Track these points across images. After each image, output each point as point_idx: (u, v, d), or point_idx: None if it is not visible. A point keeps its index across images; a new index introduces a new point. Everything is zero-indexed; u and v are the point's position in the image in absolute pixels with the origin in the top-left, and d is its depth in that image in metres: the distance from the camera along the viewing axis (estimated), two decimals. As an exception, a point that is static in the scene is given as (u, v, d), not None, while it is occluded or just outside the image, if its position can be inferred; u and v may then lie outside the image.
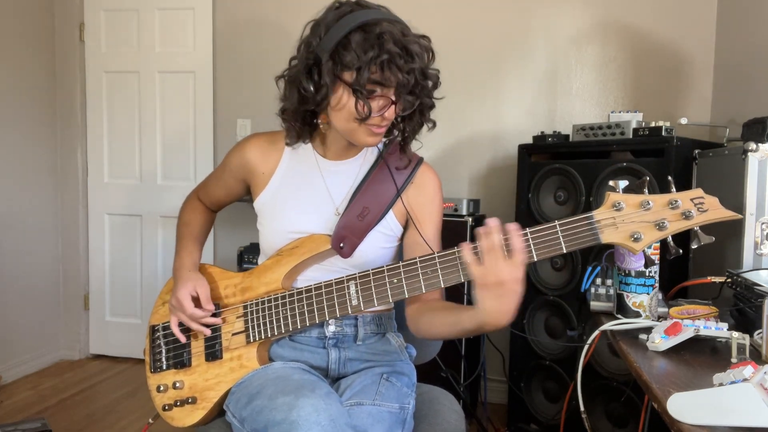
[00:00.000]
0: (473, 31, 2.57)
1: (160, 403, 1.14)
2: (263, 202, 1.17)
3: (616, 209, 0.86)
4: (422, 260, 0.97)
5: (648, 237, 0.84)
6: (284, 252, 1.12)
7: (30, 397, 2.52)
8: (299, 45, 1.04)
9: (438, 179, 1.19)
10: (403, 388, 1.09)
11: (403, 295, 0.98)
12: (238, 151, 1.20)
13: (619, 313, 1.14)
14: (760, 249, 0.95)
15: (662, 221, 0.84)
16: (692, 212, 0.83)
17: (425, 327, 1.07)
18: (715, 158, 1.62)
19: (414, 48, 0.97)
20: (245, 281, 1.15)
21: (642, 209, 0.85)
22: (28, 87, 2.79)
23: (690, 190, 0.84)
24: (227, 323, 1.13)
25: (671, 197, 0.84)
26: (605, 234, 0.86)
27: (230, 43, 2.85)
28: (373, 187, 1.12)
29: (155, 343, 1.20)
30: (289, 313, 1.07)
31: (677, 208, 0.84)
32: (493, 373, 2.52)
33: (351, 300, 1.02)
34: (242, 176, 1.21)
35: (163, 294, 1.23)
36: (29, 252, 2.81)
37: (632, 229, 0.85)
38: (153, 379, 1.17)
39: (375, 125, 1.02)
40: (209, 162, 2.89)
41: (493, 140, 2.59)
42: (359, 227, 1.09)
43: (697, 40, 2.36)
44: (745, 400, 0.64)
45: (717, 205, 0.83)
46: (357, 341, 1.15)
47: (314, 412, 0.86)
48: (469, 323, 0.94)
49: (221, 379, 1.10)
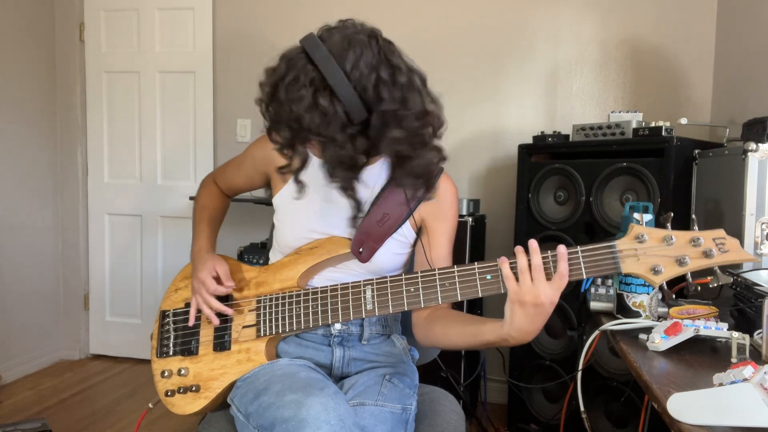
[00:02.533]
0: (473, 31, 2.57)
1: (163, 389, 1.14)
2: (283, 199, 1.17)
3: (639, 241, 0.88)
4: (441, 272, 0.97)
5: (668, 271, 0.86)
6: (303, 251, 1.12)
7: (30, 397, 2.52)
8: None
9: (455, 190, 1.17)
10: (406, 390, 1.09)
11: (418, 305, 0.99)
12: (263, 145, 1.18)
13: (619, 313, 1.14)
14: (760, 249, 0.95)
15: (683, 257, 0.86)
16: (713, 251, 0.85)
17: (438, 337, 1.06)
18: (715, 158, 1.62)
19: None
20: (261, 276, 1.15)
21: (665, 244, 0.87)
22: (28, 87, 2.79)
23: (713, 230, 0.86)
24: (239, 315, 1.13)
25: (694, 235, 0.86)
26: (626, 264, 0.88)
27: (230, 43, 2.85)
28: (395, 194, 1.11)
29: (164, 328, 1.20)
30: (303, 312, 1.07)
31: (699, 246, 0.86)
32: (493, 373, 2.52)
33: (366, 304, 1.03)
34: (264, 169, 1.21)
35: (177, 281, 1.23)
36: (29, 252, 2.82)
37: (653, 262, 0.87)
38: (158, 363, 1.17)
39: None
40: (209, 162, 2.89)
41: (493, 140, 2.59)
42: (379, 233, 1.09)
43: (697, 40, 2.36)
44: (745, 400, 0.64)
45: (737, 247, 0.85)
46: (362, 341, 1.15)
47: (323, 411, 0.86)
48: (492, 336, 0.94)
49: (227, 370, 1.10)
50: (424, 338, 1.10)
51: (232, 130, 2.88)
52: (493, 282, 0.94)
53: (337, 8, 2.58)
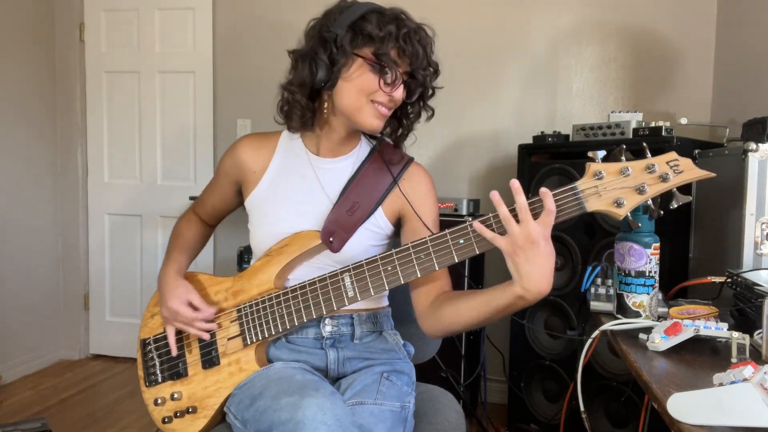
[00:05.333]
0: (473, 31, 2.57)
1: (159, 417, 1.12)
2: (254, 202, 1.16)
3: (598, 178, 0.89)
4: (414, 245, 0.98)
5: (630, 202, 0.88)
6: (273, 251, 1.11)
7: (30, 397, 2.52)
8: (307, 31, 1.08)
9: (430, 176, 1.19)
10: (404, 387, 1.09)
11: (398, 281, 0.99)
12: (231, 152, 1.19)
13: (619, 313, 1.14)
14: (760, 249, 0.95)
15: (642, 185, 0.87)
16: (669, 174, 0.87)
17: (449, 319, 1.02)
18: (715, 158, 1.62)
19: (426, 30, 1.06)
20: (236, 285, 1.13)
21: (622, 176, 0.88)
22: (28, 87, 2.79)
23: (665, 154, 0.88)
24: (222, 328, 1.11)
25: (648, 162, 0.88)
26: (590, 202, 0.89)
27: (230, 43, 2.85)
28: (364, 183, 1.12)
29: (147, 356, 1.18)
30: (285, 311, 1.06)
31: (654, 172, 0.87)
32: (493, 373, 2.52)
33: (347, 291, 1.02)
34: (235, 177, 1.20)
35: (151, 307, 1.21)
36: (29, 252, 2.82)
37: (614, 195, 0.88)
38: (149, 393, 1.15)
39: (383, 104, 1.04)
40: (209, 162, 2.89)
41: (493, 140, 2.59)
42: (349, 222, 1.09)
43: (697, 40, 2.36)
44: (745, 400, 0.64)
45: (691, 166, 0.87)
46: (354, 340, 1.14)
47: (320, 412, 0.86)
48: (504, 298, 0.91)
49: (221, 385, 1.09)
50: (434, 327, 1.06)
51: (232, 130, 2.88)
52: (467, 244, 0.94)
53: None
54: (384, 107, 1.05)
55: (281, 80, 1.11)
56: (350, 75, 1.03)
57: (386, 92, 1.03)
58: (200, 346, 1.13)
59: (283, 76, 1.12)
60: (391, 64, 1.01)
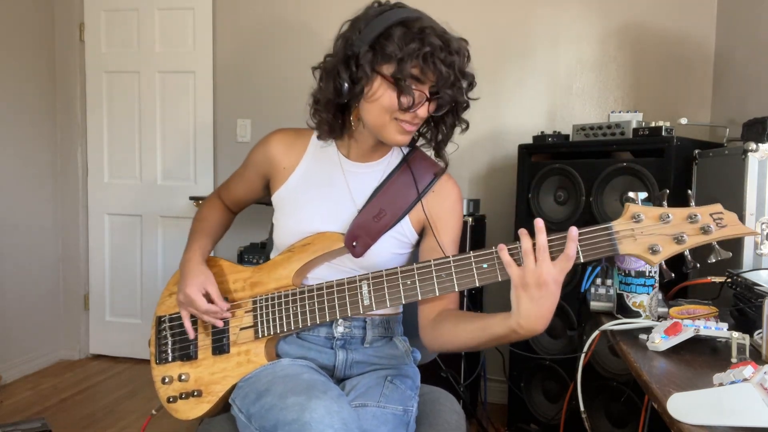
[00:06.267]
0: (473, 31, 2.55)
1: (165, 395, 1.13)
2: (282, 197, 1.17)
3: (636, 221, 0.86)
4: (437, 263, 0.96)
5: (666, 250, 0.84)
6: (296, 248, 1.11)
7: (30, 397, 2.52)
8: (336, 40, 1.05)
9: (459, 192, 1.17)
10: (407, 391, 1.09)
11: (416, 297, 0.98)
12: (263, 145, 1.19)
13: (619, 313, 1.14)
14: (760, 249, 0.95)
15: (681, 235, 0.84)
16: (711, 227, 0.83)
17: (446, 336, 1.03)
18: (715, 158, 1.62)
19: (454, 45, 1.00)
20: (255, 276, 1.14)
21: (661, 222, 0.85)
22: (28, 87, 2.79)
23: (709, 205, 0.84)
24: (236, 317, 1.12)
25: (691, 211, 0.84)
26: (623, 245, 0.86)
27: (230, 43, 2.85)
28: (393, 191, 1.11)
29: (161, 335, 1.19)
30: (300, 310, 1.06)
31: (696, 223, 0.84)
32: (493, 373, 2.52)
33: (363, 300, 1.02)
34: (264, 171, 1.20)
35: (171, 285, 1.23)
36: (29, 252, 2.82)
37: (651, 241, 0.85)
38: (158, 370, 1.17)
39: (407, 122, 1.02)
40: (209, 162, 2.89)
41: (493, 140, 2.59)
42: (374, 228, 1.09)
43: (697, 40, 2.36)
44: (745, 400, 0.64)
45: (736, 221, 0.83)
46: (365, 344, 1.14)
47: (327, 415, 0.85)
48: (500, 328, 0.90)
49: (228, 373, 1.09)
50: (433, 341, 1.07)
51: (232, 130, 2.88)
52: (490, 270, 0.92)
53: (337, 9, 2.58)
54: (408, 124, 1.03)
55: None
56: (373, 94, 1.00)
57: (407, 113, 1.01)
58: (213, 332, 1.13)
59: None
60: (408, 88, 0.97)
